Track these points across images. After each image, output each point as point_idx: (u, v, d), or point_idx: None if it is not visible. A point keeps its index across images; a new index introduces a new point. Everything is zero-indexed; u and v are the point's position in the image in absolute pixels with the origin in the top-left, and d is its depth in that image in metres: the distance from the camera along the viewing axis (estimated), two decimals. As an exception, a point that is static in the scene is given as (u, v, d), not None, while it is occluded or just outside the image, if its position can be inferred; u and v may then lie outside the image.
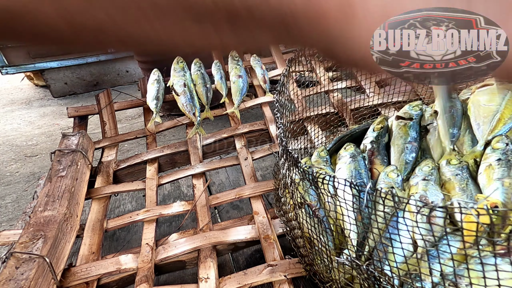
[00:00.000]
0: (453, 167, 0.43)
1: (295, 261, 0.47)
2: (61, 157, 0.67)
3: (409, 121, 0.52)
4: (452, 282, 0.29)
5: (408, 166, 0.47)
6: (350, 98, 0.80)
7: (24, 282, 0.41)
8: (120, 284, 0.51)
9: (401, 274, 0.31)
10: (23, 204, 1.02)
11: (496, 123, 0.45)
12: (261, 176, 0.92)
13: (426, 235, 0.32)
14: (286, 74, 0.48)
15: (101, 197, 0.66)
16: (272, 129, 0.79)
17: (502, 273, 0.24)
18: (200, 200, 0.63)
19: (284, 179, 0.46)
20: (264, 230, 0.53)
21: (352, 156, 0.48)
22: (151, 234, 0.56)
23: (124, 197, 0.91)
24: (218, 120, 1.38)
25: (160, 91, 0.85)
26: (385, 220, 0.31)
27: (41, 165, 1.31)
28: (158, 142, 0.83)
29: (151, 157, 0.76)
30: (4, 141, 1.61)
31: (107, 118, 0.84)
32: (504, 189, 0.36)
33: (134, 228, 0.77)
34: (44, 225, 0.51)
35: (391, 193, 0.26)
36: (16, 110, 2.17)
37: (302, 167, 0.34)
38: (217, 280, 0.46)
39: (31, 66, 2.25)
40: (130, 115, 1.79)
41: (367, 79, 0.83)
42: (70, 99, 2.34)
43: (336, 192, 0.33)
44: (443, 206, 0.23)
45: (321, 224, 0.38)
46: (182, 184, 0.94)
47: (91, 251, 0.54)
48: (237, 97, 0.85)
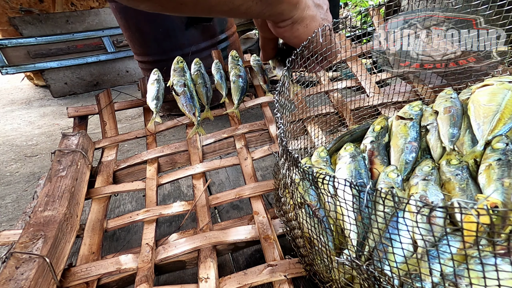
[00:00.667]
0: (453, 167, 0.43)
1: (295, 261, 0.47)
2: (61, 157, 0.67)
3: (409, 121, 0.52)
4: (452, 282, 0.29)
5: (408, 166, 0.47)
6: (350, 98, 0.80)
7: (24, 282, 0.41)
8: (120, 284, 0.51)
9: (401, 274, 0.31)
10: (23, 204, 1.02)
11: (496, 123, 0.45)
12: (261, 176, 0.92)
13: (426, 235, 0.32)
14: (286, 74, 0.48)
15: (101, 197, 0.66)
16: (272, 129, 0.79)
17: (502, 273, 0.24)
18: (200, 200, 0.63)
19: (284, 179, 0.46)
20: (264, 230, 0.53)
21: (352, 156, 0.48)
22: (151, 234, 0.56)
23: (124, 197, 0.91)
24: (218, 120, 1.38)
25: (160, 91, 0.85)
26: (385, 220, 0.31)
27: (41, 165, 1.31)
28: (158, 142, 0.83)
29: (151, 157, 0.76)
30: (4, 141, 1.61)
31: (107, 118, 0.84)
32: (504, 189, 0.36)
33: (134, 228, 0.77)
34: (44, 225, 0.51)
35: (391, 193, 0.26)
36: (16, 110, 2.17)
37: (302, 167, 0.34)
38: (217, 280, 0.46)
39: (31, 66, 2.25)
40: (130, 115, 1.79)
41: (367, 79, 0.83)
42: (70, 99, 2.34)
43: (336, 192, 0.33)
44: (443, 206, 0.23)
45: (321, 224, 0.38)
46: (182, 184, 0.94)
47: (91, 251, 0.54)
48: (237, 97, 0.85)
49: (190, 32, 1.40)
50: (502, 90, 0.48)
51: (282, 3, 0.43)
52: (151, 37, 1.40)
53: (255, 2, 0.40)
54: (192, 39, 1.42)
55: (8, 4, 2.26)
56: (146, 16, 1.33)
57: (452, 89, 0.55)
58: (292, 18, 0.46)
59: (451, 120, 0.49)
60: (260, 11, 0.42)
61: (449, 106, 0.51)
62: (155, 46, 1.44)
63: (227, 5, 0.38)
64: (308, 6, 0.47)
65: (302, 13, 0.46)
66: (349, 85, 0.86)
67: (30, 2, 2.35)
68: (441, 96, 0.55)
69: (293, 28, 0.48)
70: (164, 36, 1.38)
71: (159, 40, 1.41)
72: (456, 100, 0.52)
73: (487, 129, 0.45)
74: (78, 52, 2.37)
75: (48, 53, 2.28)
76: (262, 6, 0.41)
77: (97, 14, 2.44)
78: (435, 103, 0.54)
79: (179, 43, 1.41)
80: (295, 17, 0.46)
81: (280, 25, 0.48)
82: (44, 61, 2.27)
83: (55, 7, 2.42)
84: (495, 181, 0.38)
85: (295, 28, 0.48)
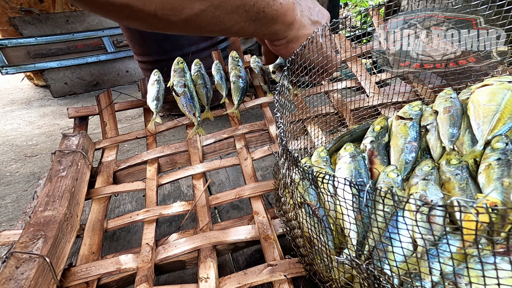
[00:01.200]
0: (453, 167, 0.43)
1: (295, 261, 0.47)
2: (62, 157, 0.67)
3: (409, 121, 0.52)
4: (451, 281, 0.29)
5: (408, 166, 0.47)
6: (350, 98, 0.80)
7: (24, 281, 0.41)
8: (120, 284, 0.51)
9: (401, 273, 0.31)
10: (23, 204, 1.03)
11: (496, 123, 0.45)
12: (261, 176, 0.93)
13: (426, 235, 0.32)
14: (286, 74, 0.48)
15: (101, 197, 0.66)
16: (272, 129, 0.79)
17: (501, 272, 0.24)
18: (200, 200, 0.63)
19: (284, 179, 0.46)
20: (264, 230, 0.53)
21: (352, 156, 0.49)
22: (151, 234, 0.56)
23: (124, 197, 0.91)
24: (218, 120, 1.38)
25: (160, 92, 0.85)
26: (385, 219, 0.31)
27: (41, 165, 1.31)
28: (158, 142, 0.83)
29: (151, 157, 0.76)
30: (4, 141, 1.61)
31: (107, 118, 0.84)
32: (504, 188, 0.36)
33: (134, 228, 0.77)
34: (44, 225, 0.51)
35: (390, 193, 0.26)
36: (16, 110, 2.17)
37: (302, 167, 0.34)
38: (217, 280, 0.46)
39: (31, 66, 2.25)
40: (130, 115, 1.79)
41: (367, 79, 0.83)
42: (70, 99, 2.34)
43: (336, 191, 0.33)
44: (442, 205, 0.23)
45: (321, 223, 0.38)
46: (182, 184, 0.94)
47: (91, 251, 0.54)
48: (237, 97, 0.85)
49: (190, 32, 1.40)
50: (501, 90, 0.48)
51: (275, 24, 0.42)
52: (151, 37, 1.41)
53: (248, 23, 0.39)
54: (192, 39, 1.42)
55: (8, 4, 2.27)
56: (146, 16, 1.33)
57: (451, 89, 0.55)
58: (287, 38, 0.46)
59: (450, 120, 0.49)
60: (253, 31, 0.42)
61: (448, 106, 0.51)
62: (155, 46, 1.44)
63: (218, 26, 0.38)
64: (304, 26, 0.46)
65: (297, 32, 0.46)
66: (349, 85, 0.86)
67: (30, 2, 2.35)
68: (441, 96, 0.55)
69: (288, 47, 0.48)
70: (164, 36, 1.38)
71: (159, 40, 1.41)
72: (455, 100, 0.52)
73: (487, 129, 0.45)
74: (78, 52, 2.37)
75: (48, 53, 2.28)
76: (256, 27, 0.41)
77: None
78: (435, 103, 0.54)
79: (179, 43, 1.42)
80: (289, 37, 0.46)
81: (276, 44, 0.48)
82: (44, 61, 2.28)
83: (55, 7, 2.42)
84: (494, 181, 0.38)
85: (290, 47, 0.48)
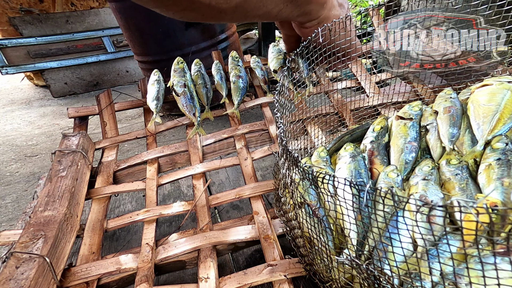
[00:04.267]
0: (453, 167, 0.43)
1: (295, 261, 0.47)
2: (62, 157, 0.67)
3: (409, 121, 0.52)
4: (451, 281, 0.29)
5: (408, 166, 0.47)
6: (350, 99, 0.80)
7: (24, 281, 0.41)
8: (120, 284, 0.51)
9: (401, 273, 0.31)
10: (23, 204, 1.03)
11: (496, 123, 0.45)
12: (261, 176, 0.93)
13: (426, 235, 0.32)
14: (286, 74, 0.48)
15: (101, 197, 0.66)
16: (272, 129, 0.79)
17: (501, 272, 0.24)
18: (200, 200, 0.63)
19: (284, 179, 0.46)
20: (264, 230, 0.54)
21: (352, 156, 0.49)
22: (151, 234, 0.56)
23: (124, 197, 0.91)
24: (218, 120, 1.38)
25: (160, 92, 0.85)
26: (385, 219, 0.31)
27: (41, 165, 1.31)
28: (158, 142, 0.83)
29: (151, 157, 0.76)
30: (4, 141, 1.61)
31: (107, 118, 0.84)
32: (504, 188, 0.36)
33: (134, 228, 0.77)
34: (44, 225, 0.51)
35: (390, 193, 0.26)
36: (16, 110, 2.17)
37: (302, 167, 0.34)
38: (217, 280, 0.46)
39: (31, 66, 2.25)
40: (130, 115, 1.79)
41: (367, 79, 0.83)
42: (70, 99, 2.34)
43: (336, 191, 0.33)
44: (442, 205, 0.23)
45: (321, 223, 0.38)
46: (182, 184, 0.94)
47: (91, 251, 0.54)
48: (237, 97, 0.85)
49: (190, 32, 1.40)
50: (501, 90, 0.48)
51: (310, 4, 0.44)
52: (151, 37, 1.41)
53: (285, 4, 0.41)
54: (192, 39, 1.42)
55: (8, 4, 2.27)
56: (146, 16, 1.33)
57: (451, 89, 0.55)
58: (319, 18, 0.47)
59: (450, 120, 0.49)
60: (290, 13, 0.44)
61: (448, 106, 0.51)
62: (155, 46, 1.44)
63: (261, 9, 0.40)
64: (334, 6, 0.48)
65: (328, 13, 0.48)
66: (349, 85, 0.86)
67: (30, 2, 2.35)
68: (441, 96, 0.55)
69: (318, 28, 0.49)
70: (164, 36, 1.38)
71: (159, 40, 1.41)
72: (455, 100, 0.52)
73: (487, 129, 0.45)
74: (78, 52, 2.37)
75: (48, 53, 2.28)
76: (292, 8, 0.43)
77: (97, 14, 2.44)
78: (434, 103, 0.54)
79: (179, 43, 1.42)
80: (321, 17, 0.48)
81: (306, 25, 0.49)
82: (44, 61, 2.27)
83: (55, 7, 2.42)
84: (494, 181, 0.38)
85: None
